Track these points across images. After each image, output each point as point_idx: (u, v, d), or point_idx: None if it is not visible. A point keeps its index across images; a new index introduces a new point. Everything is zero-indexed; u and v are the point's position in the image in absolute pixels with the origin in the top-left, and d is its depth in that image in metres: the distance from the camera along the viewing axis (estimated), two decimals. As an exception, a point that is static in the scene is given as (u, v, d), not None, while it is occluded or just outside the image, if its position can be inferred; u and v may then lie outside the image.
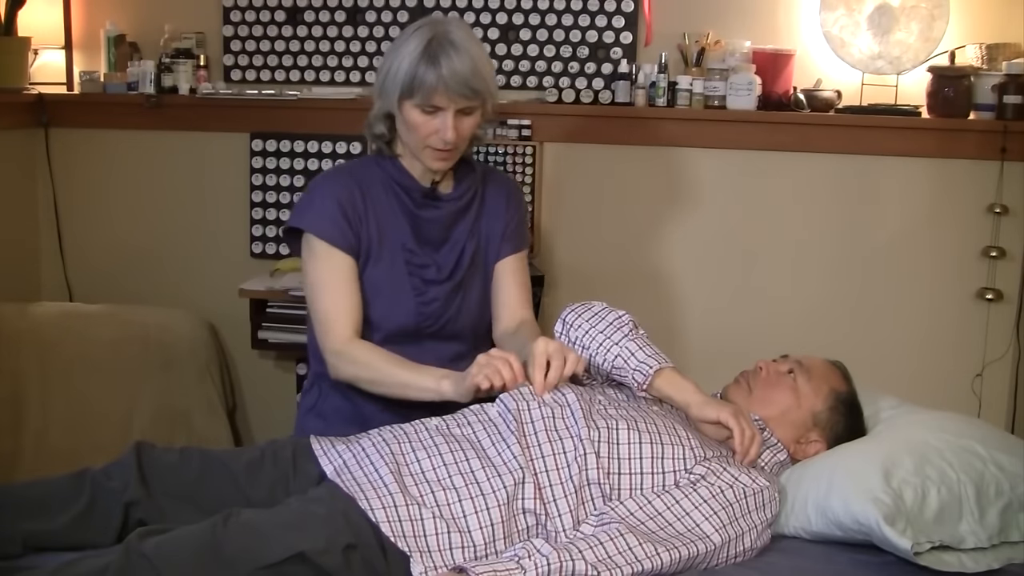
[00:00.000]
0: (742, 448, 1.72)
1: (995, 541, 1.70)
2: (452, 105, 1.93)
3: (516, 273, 2.15)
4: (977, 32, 2.79)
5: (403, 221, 2.06)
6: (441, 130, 1.95)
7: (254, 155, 3.11)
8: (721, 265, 2.97)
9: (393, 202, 2.07)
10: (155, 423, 2.92)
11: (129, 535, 1.52)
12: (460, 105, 1.94)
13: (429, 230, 2.08)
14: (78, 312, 3.08)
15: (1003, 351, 2.85)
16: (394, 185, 2.07)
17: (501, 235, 2.14)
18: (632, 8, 2.92)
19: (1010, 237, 2.81)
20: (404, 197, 2.07)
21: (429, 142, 1.97)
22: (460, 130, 1.96)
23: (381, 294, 2.04)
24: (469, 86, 1.92)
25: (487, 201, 2.14)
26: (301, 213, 2.05)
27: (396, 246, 2.05)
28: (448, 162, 2.03)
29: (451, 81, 1.90)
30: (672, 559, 1.55)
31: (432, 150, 1.99)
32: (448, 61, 1.91)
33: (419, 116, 1.96)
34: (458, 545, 1.58)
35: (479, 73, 1.93)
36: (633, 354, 1.81)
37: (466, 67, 1.91)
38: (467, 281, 2.11)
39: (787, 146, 2.87)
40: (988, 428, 1.96)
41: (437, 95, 1.92)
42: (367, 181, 2.07)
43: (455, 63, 1.90)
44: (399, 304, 2.04)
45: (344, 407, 2.09)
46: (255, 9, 3.09)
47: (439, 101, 1.93)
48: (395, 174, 2.07)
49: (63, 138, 3.20)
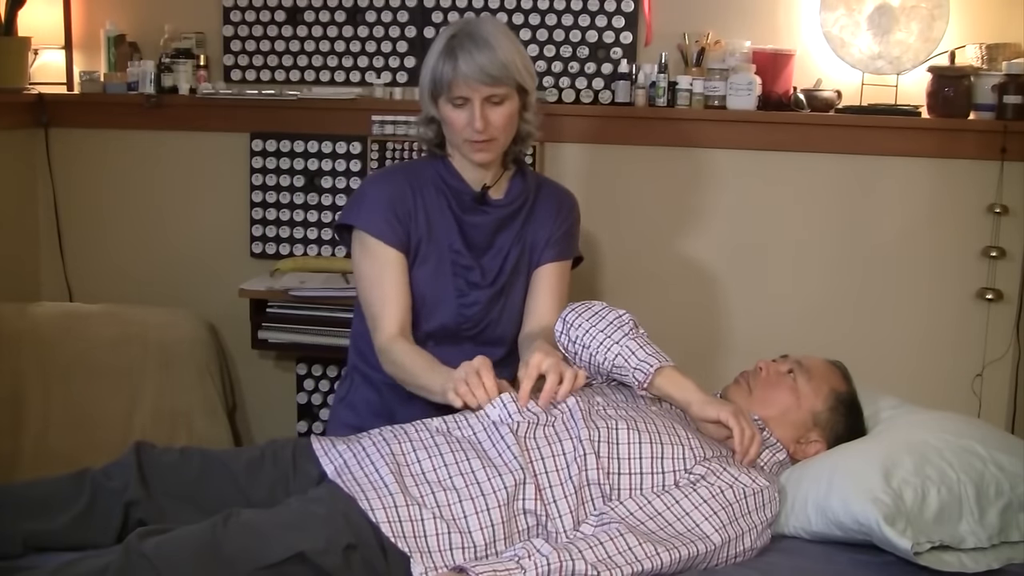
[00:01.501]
0: (742, 448, 1.72)
1: (995, 541, 1.70)
2: (476, 94, 1.97)
3: (552, 279, 2.15)
4: (977, 32, 2.79)
5: (451, 223, 2.09)
6: (471, 120, 1.98)
7: (254, 155, 3.11)
8: (721, 265, 2.97)
9: (443, 204, 2.10)
10: (155, 423, 2.92)
11: (129, 535, 1.52)
12: (484, 93, 1.97)
13: (475, 235, 2.10)
14: (78, 312, 3.07)
15: (1003, 351, 2.85)
16: (444, 187, 2.10)
17: (545, 242, 2.15)
18: (632, 8, 2.92)
19: (1010, 237, 2.81)
20: (453, 200, 2.10)
21: (464, 135, 2.01)
22: (491, 119, 1.99)
23: (425, 293, 2.08)
24: (487, 73, 1.95)
25: (537, 210, 2.15)
26: (353, 210, 2.09)
27: (443, 247, 2.08)
28: (488, 154, 2.04)
29: (467, 70, 1.94)
30: (672, 559, 1.55)
31: (470, 143, 2.02)
32: (465, 54, 1.95)
33: (451, 111, 2.00)
34: (458, 545, 1.58)
35: (499, 61, 1.96)
36: (634, 353, 1.81)
37: (484, 57, 1.95)
38: (509, 287, 2.13)
39: (787, 146, 2.87)
40: (988, 428, 1.96)
41: (457, 86, 1.96)
42: (419, 181, 2.10)
43: (473, 54, 1.95)
44: (441, 304, 2.08)
45: (373, 400, 2.15)
46: (255, 9, 3.09)
47: (462, 91, 1.97)
48: (446, 175, 2.10)
49: (63, 138, 3.20)
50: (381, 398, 2.13)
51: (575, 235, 2.23)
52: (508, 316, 2.13)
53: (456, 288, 2.08)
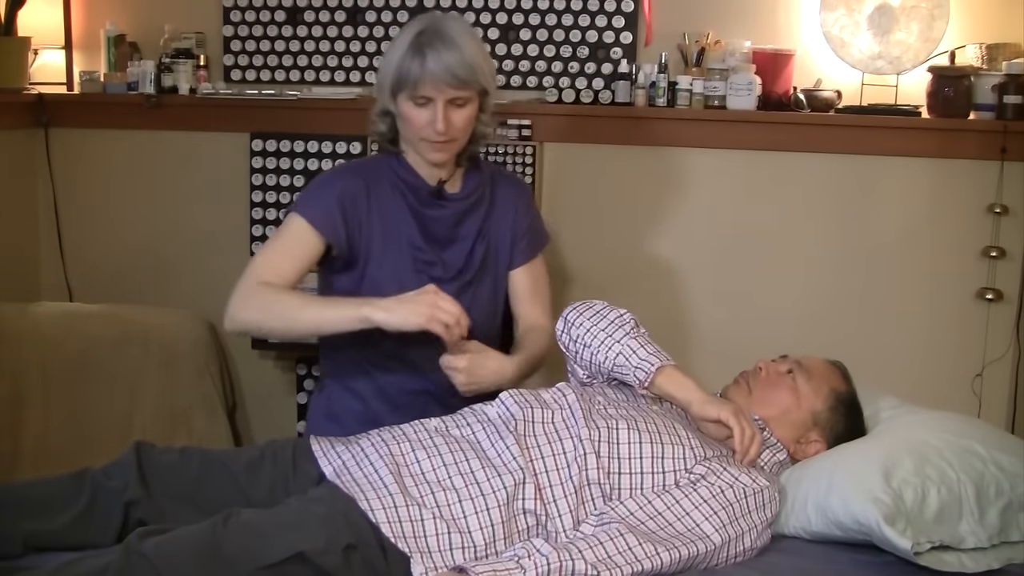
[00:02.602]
0: (742, 447, 1.72)
1: (995, 541, 1.70)
2: (441, 95, 1.95)
3: (529, 279, 2.17)
4: (977, 32, 2.79)
5: (409, 219, 2.07)
6: (433, 121, 1.96)
7: (254, 155, 3.10)
8: (721, 265, 2.97)
9: (399, 200, 2.08)
10: (155, 423, 2.92)
11: (129, 535, 1.52)
12: (449, 95, 1.95)
13: (435, 228, 2.09)
14: (78, 312, 3.07)
15: (1003, 351, 2.85)
16: (400, 183, 2.08)
17: (512, 239, 2.14)
18: (632, 8, 2.92)
19: (1010, 237, 2.81)
20: (410, 195, 2.08)
21: (423, 134, 1.99)
22: (452, 121, 1.97)
23: (384, 291, 2.02)
24: (454, 75, 1.93)
25: (496, 202, 2.14)
26: (301, 200, 2.08)
27: (402, 243, 2.06)
28: (445, 153, 2.03)
29: (436, 70, 1.92)
30: (672, 559, 1.55)
31: (428, 142, 2.00)
32: (434, 52, 1.93)
33: (411, 109, 1.98)
34: (458, 545, 1.58)
35: (467, 63, 1.94)
36: (635, 352, 1.81)
37: (452, 57, 1.93)
38: (476, 281, 2.11)
39: (787, 146, 2.87)
40: (988, 428, 1.96)
41: (423, 85, 1.94)
42: (375, 179, 2.08)
43: (441, 53, 1.92)
44: None
45: (355, 408, 2.10)
46: (255, 9, 3.09)
47: (427, 91, 1.94)
48: (402, 172, 2.09)
49: (63, 138, 3.20)
50: (366, 407, 2.10)
51: (539, 225, 2.24)
52: (476, 310, 2.09)
53: (420, 284, 2.01)
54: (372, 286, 2.04)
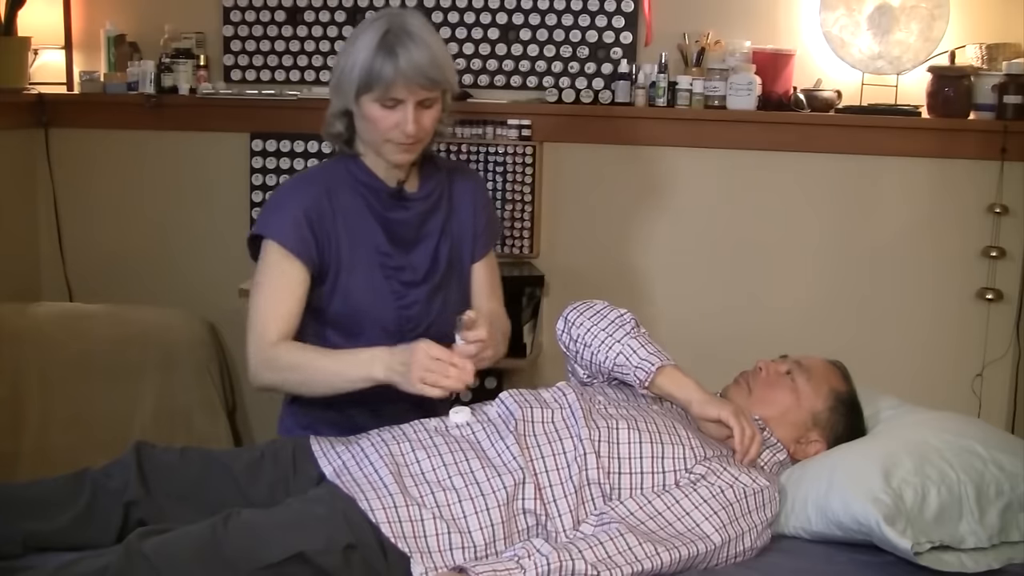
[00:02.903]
0: (742, 447, 1.72)
1: (995, 541, 1.70)
2: (412, 97, 1.87)
3: (488, 272, 2.13)
4: (977, 32, 2.79)
5: (374, 223, 2.00)
6: (402, 123, 1.88)
7: (254, 155, 3.11)
8: (721, 265, 2.97)
9: (361, 205, 1.99)
10: (155, 423, 2.92)
11: (129, 535, 1.52)
12: (420, 97, 1.88)
13: (400, 231, 2.01)
14: (78, 312, 3.07)
15: (1003, 351, 2.85)
16: (360, 187, 2.00)
17: (473, 234, 2.09)
18: (632, 8, 2.92)
19: (1010, 237, 2.81)
20: (372, 199, 2.00)
21: (390, 136, 1.91)
22: (421, 122, 1.90)
23: (360, 301, 1.97)
24: (428, 76, 1.86)
25: (455, 198, 2.08)
26: (264, 220, 1.97)
27: (370, 250, 1.99)
28: (411, 155, 1.96)
29: (409, 72, 1.84)
30: (672, 559, 1.55)
31: (394, 144, 1.92)
32: (406, 52, 1.84)
33: (378, 111, 1.89)
34: (458, 545, 1.58)
35: (437, 63, 1.88)
36: (635, 352, 1.81)
37: (424, 57, 1.85)
38: (445, 284, 2.05)
39: (787, 146, 2.87)
40: (988, 428, 1.95)
41: (396, 87, 1.86)
42: (335, 186, 1.99)
43: (413, 54, 1.84)
44: (378, 309, 1.98)
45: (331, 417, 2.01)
46: (255, 9, 3.09)
47: (398, 93, 1.87)
48: (360, 175, 2.00)
49: (63, 138, 3.20)
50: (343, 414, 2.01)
51: (495, 217, 2.21)
52: (448, 311, 2.04)
53: (392, 290, 1.99)
54: (345, 295, 1.97)
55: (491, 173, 2.97)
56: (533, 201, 2.97)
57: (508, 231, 2.99)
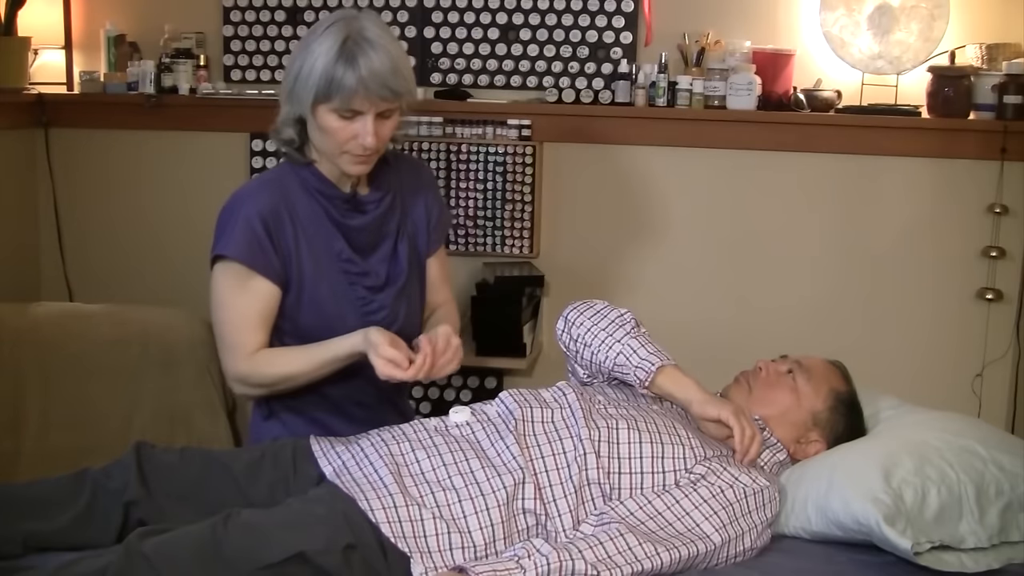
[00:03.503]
0: (742, 447, 1.72)
1: (995, 541, 1.70)
2: (372, 108, 1.80)
3: (441, 265, 2.11)
4: (977, 32, 2.79)
5: (333, 231, 1.94)
6: (360, 135, 1.82)
7: (254, 155, 3.11)
8: (721, 265, 2.97)
9: (319, 213, 1.93)
10: (155, 423, 2.92)
11: (129, 535, 1.52)
12: (380, 108, 1.81)
13: (359, 237, 1.96)
14: (78, 312, 3.07)
15: (1003, 351, 2.85)
16: (316, 195, 1.93)
17: (427, 230, 2.06)
18: (632, 8, 2.92)
19: (1010, 237, 2.81)
20: (328, 206, 1.93)
21: (347, 147, 1.84)
22: (380, 134, 1.83)
23: (326, 310, 1.93)
24: (389, 87, 1.79)
25: (407, 196, 2.03)
26: (221, 238, 1.89)
27: (332, 258, 1.93)
28: (367, 165, 1.90)
29: (371, 83, 1.77)
30: (672, 559, 1.55)
31: (350, 155, 1.86)
32: (367, 60, 1.77)
33: (336, 121, 1.82)
34: (458, 545, 1.58)
35: (399, 72, 1.82)
36: (635, 351, 1.81)
37: (385, 66, 1.78)
38: (408, 283, 2.02)
39: (787, 146, 2.87)
40: (988, 428, 1.95)
41: (356, 99, 1.79)
42: (292, 194, 1.92)
43: (374, 62, 1.77)
44: (345, 317, 1.94)
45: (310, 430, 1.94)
46: (255, 9, 3.09)
47: (359, 105, 1.79)
48: (315, 182, 1.93)
49: (63, 138, 3.20)
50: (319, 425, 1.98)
51: (446, 210, 2.17)
52: (412, 313, 2.03)
53: (357, 297, 1.94)
54: (314, 306, 1.93)
55: (491, 173, 2.97)
56: (533, 201, 2.97)
57: (508, 231, 3.00)
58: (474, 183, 2.98)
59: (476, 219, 3.00)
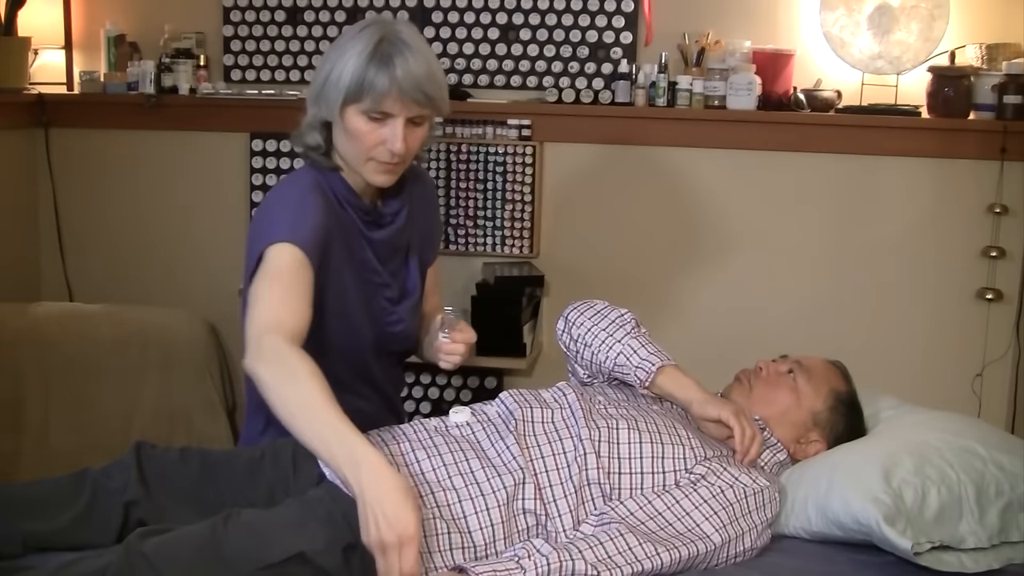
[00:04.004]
0: (742, 447, 1.72)
1: (995, 541, 1.70)
2: (404, 112, 1.76)
3: (434, 273, 2.10)
4: (977, 32, 2.79)
5: (362, 241, 1.91)
6: (389, 140, 1.77)
7: (254, 155, 3.11)
8: (721, 265, 2.97)
9: (349, 221, 1.88)
10: (155, 423, 2.92)
11: (129, 535, 1.51)
12: (412, 113, 1.77)
13: (383, 250, 1.94)
14: (78, 312, 3.07)
15: (1003, 351, 2.85)
16: (346, 204, 1.89)
17: (431, 240, 2.07)
18: (632, 8, 2.92)
19: (1010, 237, 2.81)
20: (356, 217, 1.89)
21: (374, 154, 1.80)
22: (409, 141, 1.79)
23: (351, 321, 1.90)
24: (423, 91, 1.75)
25: (416, 208, 2.00)
26: (285, 224, 1.76)
27: (358, 267, 1.91)
28: (393, 176, 1.85)
29: (405, 84, 1.73)
30: (672, 559, 1.55)
31: (376, 163, 1.81)
32: (403, 61, 1.73)
33: (365, 124, 1.78)
34: (458, 545, 1.58)
35: (433, 77, 1.77)
36: (635, 352, 1.81)
37: (421, 69, 1.74)
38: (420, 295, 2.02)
39: (787, 146, 2.87)
40: (988, 428, 1.96)
41: (389, 100, 1.75)
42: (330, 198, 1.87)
43: (410, 64, 1.74)
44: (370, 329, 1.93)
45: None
46: (255, 9, 3.09)
47: (390, 107, 1.76)
48: (343, 191, 1.89)
49: (63, 138, 3.20)
50: None
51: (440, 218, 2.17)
52: (418, 325, 2.03)
53: (380, 308, 1.93)
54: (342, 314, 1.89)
55: (491, 173, 2.97)
56: (533, 201, 2.97)
57: (508, 231, 3.00)
58: (474, 183, 2.98)
59: (476, 219, 3.00)
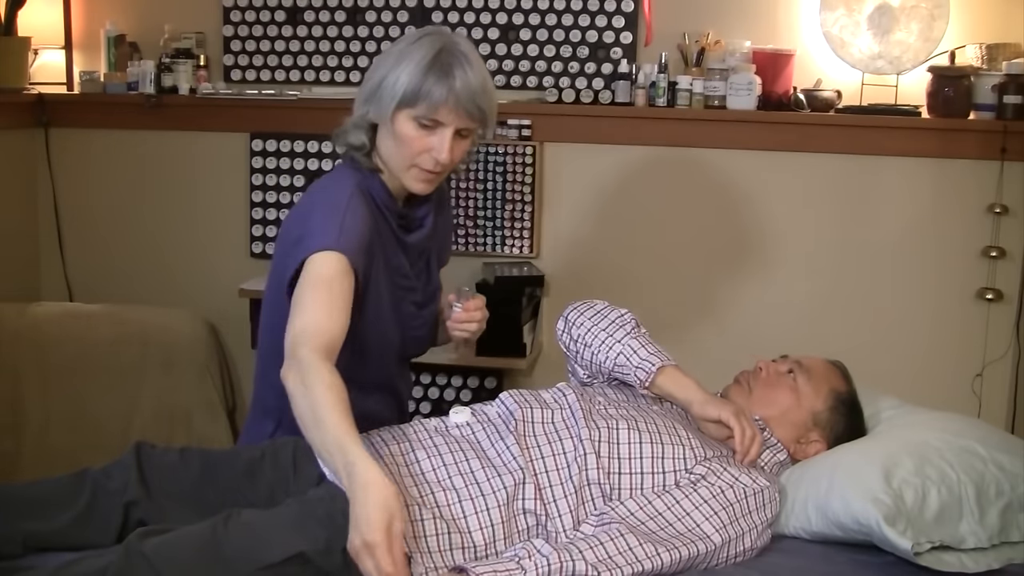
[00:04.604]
0: (742, 448, 1.72)
1: (995, 541, 1.70)
2: (455, 123, 1.79)
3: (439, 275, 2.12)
4: (977, 32, 2.79)
5: (396, 245, 1.92)
6: (436, 148, 1.79)
7: (254, 155, 3.11)
8: (721, 265, 2.97)
9: (385, 225, 1.89)
10: (155, 423, 2.92)
11: (129, 535, 1.51)
12: (462, 124, 1.80)
13: (413, 255, 1.96)
14: (78, 312, 3.08)
15: (1003, 351, 2.85)
16: (383, 207, 1.89)
17: (446, 244, 2.10)
18: (632, 8, 2.92)
19: (1010, 237, 2.81)
20: (392, 221, 1.91)
21: (418, 160, 1.81)
22: (454, 152, 1.81)
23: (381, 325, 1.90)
24: (477, 104, 1.78)
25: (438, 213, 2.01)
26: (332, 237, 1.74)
27: (394, 274, 1.92)
28: (431, 185, 1.86)
29: (462, 95, 1.76)
30: (672, 559, 1.55)
31: (419, 170, 1.82)
32: (462, 73, 1.77)
33: (414, 130, 1.79)
34: (458, 545, 1.58)
35: (488, 93, 1.81)
36: (635, 352, 1.81)
37: (477, 83, 1.78)
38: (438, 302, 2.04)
39: (787, 146, 2.87)
40: (988, 428, 1.96)
41: (444, 109, 1.77)
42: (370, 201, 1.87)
43: (469, 76, 1.77)
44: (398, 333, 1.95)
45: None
46: (255, 9, 3.09)
47: (443, 116, 1.78)
48: (382, 194, 1.89)
49: (63, 138, 3.21)
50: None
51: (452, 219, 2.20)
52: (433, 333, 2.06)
53: (407, 313, 1.94)
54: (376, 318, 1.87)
55: (491, 173, 2.97)
56: (533, 201, 2.97)
57: (508, 231, 3.00)
58: (474, 183, 2.98)
59: (476, 219, 3.00)
